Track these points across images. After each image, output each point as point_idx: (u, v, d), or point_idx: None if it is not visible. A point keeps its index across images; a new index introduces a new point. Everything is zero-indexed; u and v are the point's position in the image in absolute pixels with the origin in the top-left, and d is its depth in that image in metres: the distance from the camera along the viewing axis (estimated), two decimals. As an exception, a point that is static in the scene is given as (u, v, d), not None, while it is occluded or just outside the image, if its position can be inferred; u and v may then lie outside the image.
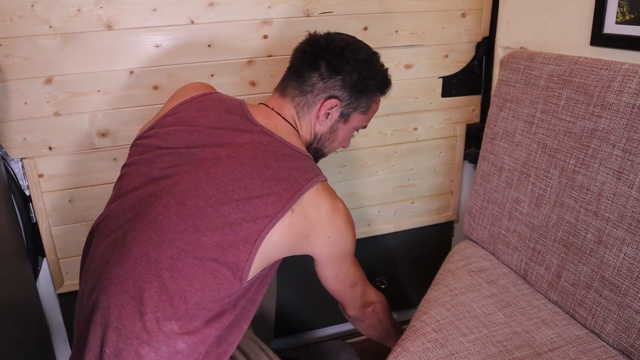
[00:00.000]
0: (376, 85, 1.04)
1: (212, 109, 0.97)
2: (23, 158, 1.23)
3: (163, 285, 0.82)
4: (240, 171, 0.87)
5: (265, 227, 0.84)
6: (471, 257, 1.28)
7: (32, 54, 1.16)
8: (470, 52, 1.51)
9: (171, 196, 0.86)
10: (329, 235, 0.93)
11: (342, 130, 1.06)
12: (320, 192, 0.91)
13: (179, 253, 0.83)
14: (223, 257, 0.83)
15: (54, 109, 1.21)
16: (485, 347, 0.99)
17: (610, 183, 0.97)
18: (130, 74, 1.24)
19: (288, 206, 0.86)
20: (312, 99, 1.00)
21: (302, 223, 0.88)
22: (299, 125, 1.02)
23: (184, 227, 0.84)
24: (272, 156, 0.90)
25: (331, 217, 0.92)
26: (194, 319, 0.84)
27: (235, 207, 0.84)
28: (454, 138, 1.59)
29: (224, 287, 0.84)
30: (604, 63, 1.00)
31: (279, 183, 0.87)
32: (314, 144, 1.05)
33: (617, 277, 0.95)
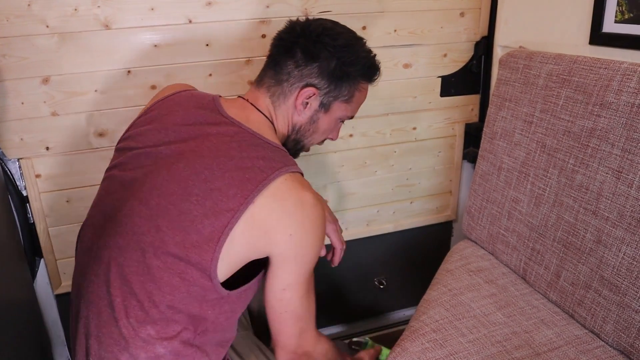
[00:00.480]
0: (358, 72, 0.97)
1: (182, 105, 0.95)
2: (20, 158, 1.23)
3: (131, 290, 0.81)
4: (200, 164, 0.83)
5: (229, 223, 0.79)
6: (470, 257, 1.28)
7: (29, 54, 1.15)
8: (469, 51, 1.50)
9: (136, 198, 0.85)
10: (291, 233, 0.83)
11: (324, 121, 0.99)
12: (288, 183, 0.83)
13: (143, 256, 0.81)
14: (187, 257, 0.80)
15: (51, 108, 1.21)
16: (484, 347, 0.99)
17: (610, 182, 0.97)
18: (128, 73, 1.23)
19: (251, 197, 0.80)
20: (288, 88, 0.95)
21: (263, 216, 0.82)
22: (274, 115, 0.97)
23: (147, 228, 0.82)
24: (236, 147, 0.85)
25: (297, 212, 0.84)
26: (171, 323, 0.82)
27: (196, 203, 0.81)
28: (452, 137, 1.59)
29: (195, 290, 0.81)
30: (603, 62, 1.00)
31: (242, 174, 0.82)
32: (293, 135, 0.99)
33: (617, 277, 0.95)
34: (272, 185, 0.81)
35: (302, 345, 0.92)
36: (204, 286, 0.81)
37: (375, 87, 1.42)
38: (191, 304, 0.82)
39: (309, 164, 1.46)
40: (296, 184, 0.84)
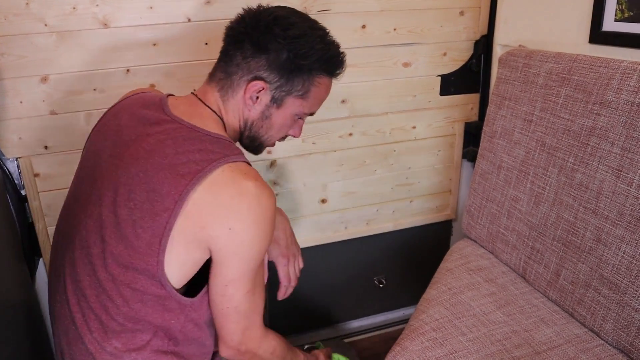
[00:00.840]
0: (313, 65, 0.89)
1: (127, 109, 0.92)
2: (18, 157, 1.22)
3: (88, 304, 0.80)
4: (135, 167, 0.80)
5: (167, 223, 0.76)
6: (470, 256, 1.28)
7: (28, 52, 1.15)
8: (468, 50, 1.50)
9: (82, 210, 0.84)
10: (230, 227, 0.78)
11: (278, 117, 0.93)
12: (226, 173, 0.78)
13: (93, 269, 0.80)
14: (132, 265, 0.77)
15: (50, 107, 1.20)
16: (484, 346, 0.99)
17: (609, 181, 0.97)
18: (127, 72, 1.23)
19: (185, 193, 0.76)
20: (237, 81, 0.89)
21: (198, 211, 0.77)
22: (223, 110, 0.91)
23: (93, 240, 0.81)
24: (172, 144, 0.81)
25: (235, 203, 0.78)
26: (137, 333, 0.80)
27: (134, 208, 0.78)
28: (452, 136, 1.59)
29: (149, 299, 0.79)
30: (602, 61, 1.00)
31: (177, 170, 0.78)
32: (247, 132, 0.94)
33: (616, 276, 0.95)
34: (209, 178, 0.77)
35: (245, 343, 0.88)
36: (158, 294, 0.79)
37: (375, 86, 1.44)
38: (150, 314, 0.80)
39: (308, 163, 1.46)
40: (235, 174, 0.79)
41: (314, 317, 1.68)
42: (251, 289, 0.84)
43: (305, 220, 1.52)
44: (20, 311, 1.09)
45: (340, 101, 1.42)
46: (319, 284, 1.62)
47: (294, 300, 1.61)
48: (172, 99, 0.92)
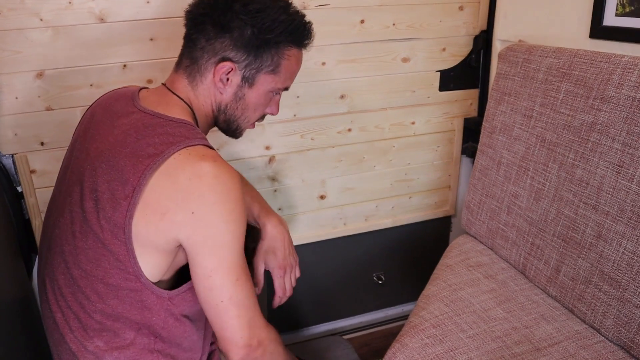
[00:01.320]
0: (280, 38, 0.86)
1: (102, 104, 0.91)
2: (14, 154, 1.21)
3: (66, 303, 0.80)
4: (98, 160, 0.79)
5: (127, 211, 0.74)
6: (469, 252, 1.28)
7: (23, 48, 1.13)
8: (467, 45, 1.49)
9: (58, 209, 0.84)
10: (193, 210, 0.74)
11: (252, 96, 0.90)
12: (183, 157, 0.75)
13: (67, 267, 0.79)
14: (103, 258, 0.76)
15: (46, 103, 1.19)
16: (484, 343, 0.98)
17: (610, 177, 0.96)
18: (124, 67, 1.22)
19: (142, 179, 0.74)
20: (204, 65, 0.87)
21: (156, 198, 0.74)
22: (192, 96, 0.89)
23: (65, 238, 0.80)
24: (134, 132, 0.79)
25: (193, 186, 0.74)
26: (119, 332, 0.79)
27: (97, 199, 0.76)
28: (451, 132, 1.58)
29: (124, 294, 0.77)
30: (603, 56, 0.99)
31: (136, 158, 0.76)
32: (221, 116, 0.92)
33: (617, 272, 0.94)
34: (165, 163, 0.74)
35: (254, 335, 0.82)
36: (133, 288, 0.77)
37: (374, 81, 1.43)
38: (128, 310, 0.78)
39: (307, 159, 1.45)
40: (192, 156, 0.75)
41: (312, 313, 1.67)
42: (240, 277, 0.79)
43: (303, 216, 1.52)
44: (16, 308, 1.09)
45: (339, 96, 1.42)
46: (317, 280, 1.61)
47: (292, 297, 1.60)
48: (143, 91, 0.91)
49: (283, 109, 1.37)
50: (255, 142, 1.39)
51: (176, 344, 0.85)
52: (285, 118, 1.39)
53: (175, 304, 0.82)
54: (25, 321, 1.16)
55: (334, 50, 1.36)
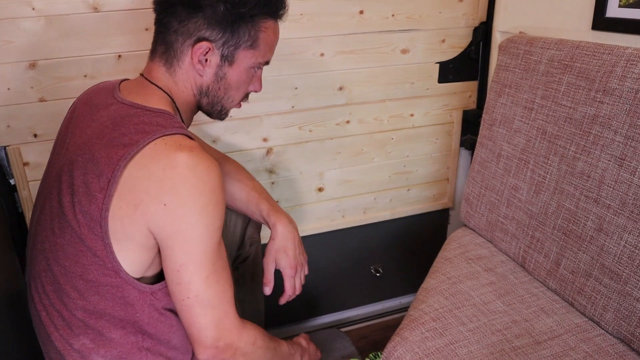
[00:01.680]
0: (254, 10, 0.84)
1: (84, 99, 0.90)
2: (7, 146, 1.19)
3: (50, 301, 0.78)
4: (75, 153, 0.77)
5: (102, 204, 0.71)
6: (469, 245, 1.27)
7: (15, 37, 1.11)
8: (467, 37, 1.48)
9: (37, 207, 0.83)
10: (165, 202, 0.71)
11: (233, 75, 0.88)
12: (158, 147, 0.73)
13: (47, 264, 0.78)
14: (80, 253, 0.74)
15: (39, 94, 1.17)
16: (484, 336, 0.98)
17: (612, 170, 0.96)
18: (118, 58, 1.20)
19: (117, 170, 0.72)
20: (180, 48, 0.83)
21: (130, 189, 0.72)
22: (171, 83, 0.86)
23: (44, 234, 0.78)
24: (110, 124, 0.77)
25: (167, 176, 0.71)
26: (103, 330, 0.77)
27: (73, 193, 0.75)
28: (450, 124, 1.57)
29: (105, 290, 0.75)
30: (606, 48, 0.98)
31: (110, 149, 0.73)
32: (204, 99, 0.89)
33: (618, 265, 0.94)
34: (140, 153, 0.72)
35: (222, 338, 0.79)
36: (114, 284, 0.75)
37: (373, 73, 1.41)
38: (111, 307, 0.76)
39: (305, 151, 1.44)
40: (169, 146, 0.73)
41: (310, 305, 1.67)
42: (211, 275, 0.76)
43: (301, 208, 1.50)
44: (9, 303, 1.07)
45: (338, 88, 1.40)
46: (315, 272, 1.60)
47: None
48: (124, 83, 0.88)
49: (281, 100, 1.36)
50: (253, 134, 1.37)
51: (165, 341, 0.83)
52: (283, 110, 1.38)
53: (158, 299, 0.80)
54: (18, 317, 1.15)
55: (332, 41, 1.34)
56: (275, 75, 1.33)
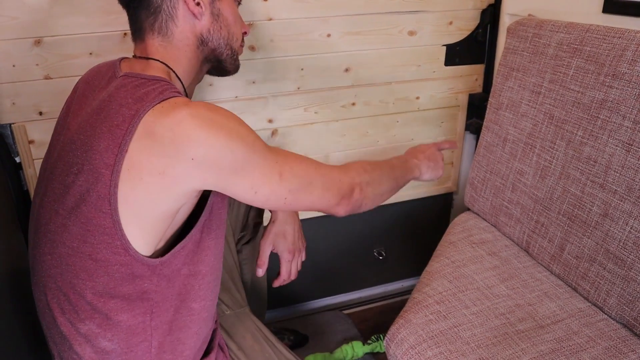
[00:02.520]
0: None
1: (85, 79, 0.88)
2: (12, 123, 1.18)
3: (56, 284, 0.77)
4: (77, 133, 0.76)
5: (110, 181, 0.70)
6: (472, 229, 1.27)
7: (20, 14, 1.10)
8: (475, 19, 1.46)
9: (42, 188, 0.81)
10: (192, 157, 0.69)
11: (226, 7, 0.87)
12: (157, 111, 0.71)
13: (52, 246, 0.76)
14: (89, 233, 0.72)
15: (44, 72, 1.16)
16: (488, 320, 0.99)
17: (619, 155, 0.95)
18: (124, 36, 1.18)
19: (123, 145, 0.70)
20: (169, 4, 0.82)
21: (141, 161, 0.70)
22: (170, 50, 0.84)
23: (48, 216, 0.77)
24: (108, 97, 0.76)
25: (177, 133, 0.69)
26: (111, 312, 0.75)
27: (77, 173, 0.73)
28: (456, 108, 1.56)
29: (113, 269, 0.74)
30: (617, 31, 0.97)
31: (111, 123, 0.72)
32: (207, 48, 0.87)
33: (623, 251, 0.94)
34: (141, 123, 0.70)
35: (338, 191, 0.83)
36: (123, 262, 0.74)
37: (380, 55, 1.40)
38: (120, 285, 0.75)
39: (310, 133, 1.43)
40: (165, 109, 0.71)
41: (312, 288, 1.68)
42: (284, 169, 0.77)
43: (305, 191, 1.50)
44: (15, 281, 1.08)
45: (344, 70, 1.39)
46: (318, 255, 1.61)
47: (293, 272, 1.61)
48: (124, 60, 0.86)
49: (287, 82, 1.35)
50: (258, 115, 1.37)
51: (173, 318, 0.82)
52: (289, 91, 1.37)
53: (166, 265, 0.78)
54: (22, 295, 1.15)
55: (339, 22, 1.33)
56: (281, 56, 1.32)
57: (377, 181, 0.92)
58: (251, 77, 1.32)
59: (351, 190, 0.86)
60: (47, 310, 0.79)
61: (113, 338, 0.77)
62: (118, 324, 0.76)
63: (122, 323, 0.77)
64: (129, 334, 0.77)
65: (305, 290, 1.67)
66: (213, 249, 0.83)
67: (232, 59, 0.92)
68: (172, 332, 0.82)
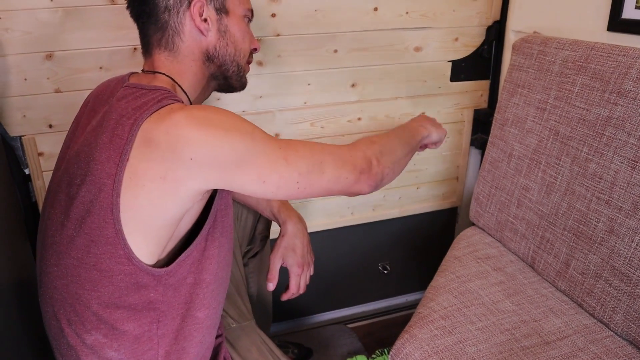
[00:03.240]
0: None
1: (95, 93, 0.89)
2: (22, 136, 1.20)
3: (62, 295, 0.77)
4: (82, 145, 0.76)
5: (112, 190, 0.70)
6: (478, 244, 1.27)
7: (33, 28, 1.12)
8: (480, 36, 1.48)
9: (47, 202, 0.82)
10: (190, 157, 0.69)
11: (234, 24, 0.87)
12: (154, 118, 0.71)
13: (57, 257, 0.77)
14: (93, 243, 0.73)
15: (55, 85, 1.18)
16: (493, 335, 0.99)
17: (625, 172, 0.95)
18: (134, 51, 1.20)
19: (125, 154, 0.70)
20: (177, 20, 0.82)
21: (141, 167, 0.70)
22: (176, 65, 0.85)
23: (54, 228, 0.77)
24: (109, 109, 0.77)
25: (173, 136, 0.69)
26: (117, 322, 0.76)
27: (80, 183, 0.73)
28: (461, 123, 1.57)
29: (117, 278, 0.74)
30: (621, 49, 0.98)
31: (112, 132, 0.72)
32: (215, 65, 0.88)
33: (629, 267, 0.94)
34: (140, 133, 0.70)
35: (355, 166, 0.81)
36: (127, 272, 0.74)
37: (386, 70, 1.42)
38: (126, 295, 0.75)
39: (315, 147, 1.44)
40: (162, 115, 0.71)
41: (317, 301, 1.68)
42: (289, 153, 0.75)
43: (311, 204, 1.51)
44: (23, 291, 1.08)
45: (350, 85, 1.40)
46: (323, 268, 1.61)
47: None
48: (134, 75, 0.87)
49: (294, 96, 1.37)
50: (265, 129, 1.36)
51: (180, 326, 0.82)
52: (296, 105, 1.38)
53: (171, 275, 0.78)
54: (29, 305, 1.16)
55: (346, 37, 1.35)
56: (288, 71, 1.34)
57: (390, 149, 0.90)
58: (258, 92, 1.34)
59: (368, 163, 0.84)
60: (54, 321, 0.80)
61: (119, 348, 0.77)
62: (124, 333, 0.76)
63: (128, 333, 0.77)
64: (136, 343, 0.78)
65: (310, 303, 1.67)
66: (216, 257, 0.83)
67: (238, 75, 0.92)
68: (178, 341, 0.82)
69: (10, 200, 1.17)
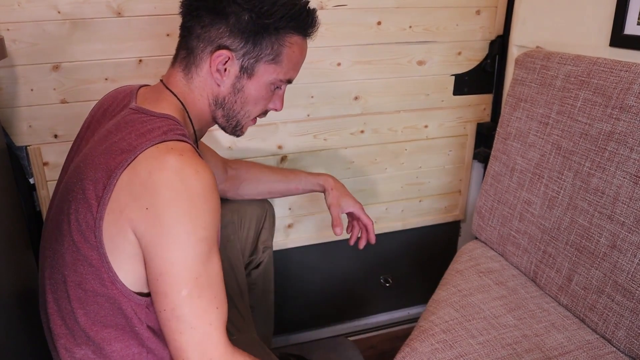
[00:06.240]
0: (281, 24, 0.79)
1: (101, 105, 0.89)
2: (28, 145, 1.21)
3: (54, 309, 0.77)
4: (81, 160, 0.76)
5: (97, 213, 0.69)
6: (480, 258, 1.27)
7: (40, 40, 1.13)
8: (483, 50, 1.48)
9: (48, 214, 0.83)
10: (147, 206, 0.67)
11: (251, 88, 0.84)
12: (152, 151, 0.69)
13: (51, 271, 0.77)
14: (78, 262, 0.72)
15: (61, 96, 1.19)
16: (494, 350, 0.98)
17: (627, 187, 0.95)
18: (139, 62, 1.22)
19: (113, 178, 0.69)
20: (200, 55, 0.81)
21: (119, 194, 0.69)
22: (187, 91, 0.83)
23: (50, 242, 0.78)
24: (114, 129, 0.75)
25: (152, 179, 0.67)
26: (103, 342, 0.74)
27: (71, 200, 0.73)
28: (464, 137, 1.58)
29: (101, 299, 0.72)
30: (624, 64, 0.98)
31: (109, 155, 0.71)
32: (219, 110, 0.85)
33: (631, 283, 0.94)
34: (135, 161, 0.69)
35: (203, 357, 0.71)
36: (111, 296, 0.72)
37: (389, 84, 1.42)
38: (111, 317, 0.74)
39: (318, 160, 1.45)
40: (160, 150, 0.69)
41: (319, 314, 1.67)
42: (193, 289, 0.69)
43: (313, 216, 1.51)
44: (26, 302, 1.09)
45: (353, 98, 1.41)
46: (325, 281, 1.61)
47: (299, 297, 1.60)
48: (143, 88, 0.87)
49: (297, 109, 1.38)
50: (267, 141, 1.39)
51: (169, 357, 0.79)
52: (299, 118, 1.39)
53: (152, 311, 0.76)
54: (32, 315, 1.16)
55: (349, 51, 1.36)
56: (291, 83, 1.35)
57: None
58: (262, 104, 1.35)
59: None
60: (49, 332, 0.80)
61: None
62: (112, 353, 0.75)
63: (115, 353, 0.75)
64: (127, 357, 0.76)
65: (311, 316, 1.66)
66: None
67: (234, 129, 0.90)
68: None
69: (14, 209, 1.17)
